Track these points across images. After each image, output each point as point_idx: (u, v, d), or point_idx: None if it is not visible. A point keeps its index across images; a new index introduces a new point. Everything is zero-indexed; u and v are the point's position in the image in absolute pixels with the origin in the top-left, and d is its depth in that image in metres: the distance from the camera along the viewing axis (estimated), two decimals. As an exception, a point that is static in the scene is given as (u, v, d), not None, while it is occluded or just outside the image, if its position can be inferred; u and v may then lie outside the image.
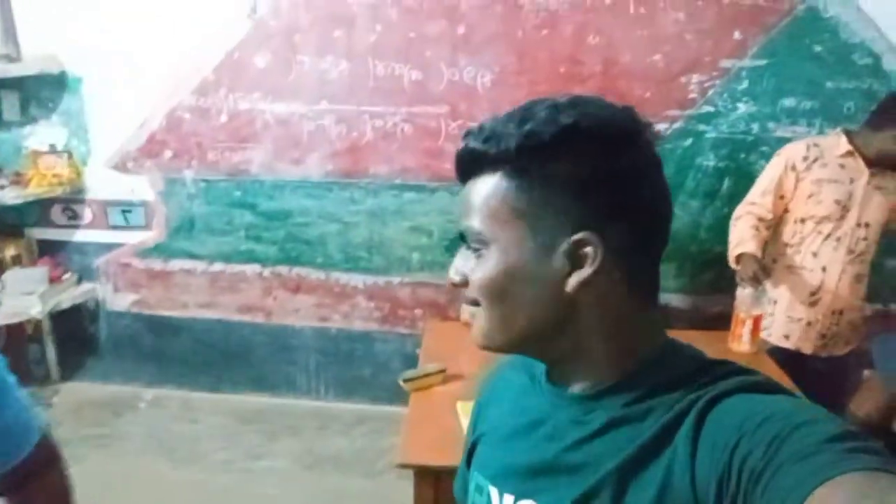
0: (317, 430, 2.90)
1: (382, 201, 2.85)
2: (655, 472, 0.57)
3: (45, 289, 2.90)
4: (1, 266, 2.94)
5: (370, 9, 2.65)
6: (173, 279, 3.06)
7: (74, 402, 3.04)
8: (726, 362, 0.63)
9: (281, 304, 3.04)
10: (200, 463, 2.66)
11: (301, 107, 2.78)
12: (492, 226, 0.62)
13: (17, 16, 2.78)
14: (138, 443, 2.78)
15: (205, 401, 3.09)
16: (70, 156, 2.92)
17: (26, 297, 2.85)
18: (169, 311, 3.10)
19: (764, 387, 0.59)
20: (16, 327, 2.94)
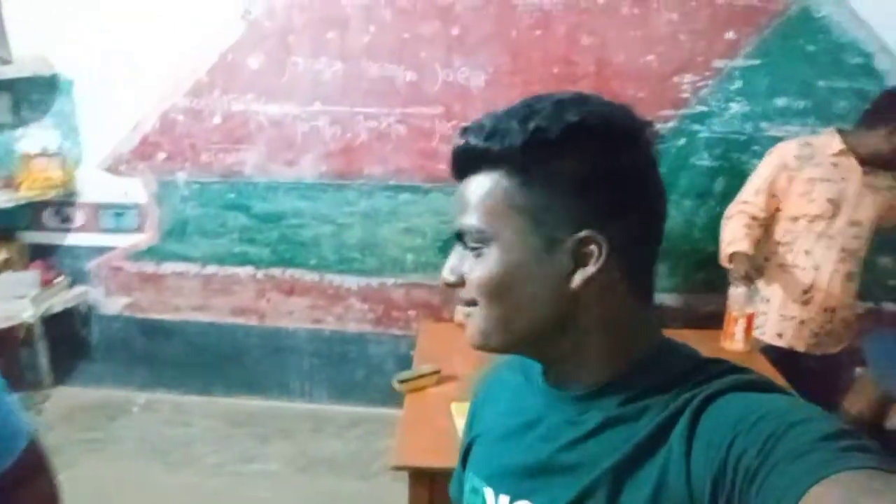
0: (311, 432, 2.89)
1: (376, 202, 2.85)
2: (651, 472, 0.57)
3: (37, 292, 2.88)
4: (-8, 269, 2.92)
5: (364, 10, 2.64)
6: (166, 282, 3.04)
7: (67, 406, 3.02)
8: (721, 361, 0.63)
9: (274, 306, 3.02)
10: (194, 466, 2.64)
11: (295, 108, 2.77)
12: (493, 223, 0.61)
13: (8, 18, 2.76)
14: (131, 447, 2.76)
15: (198, 404, 3.07)
16: (62, 159, 2.90)
17: (18, 300, 2.83)
18: (161, 314, 3.09)
19: (758, 385, 0.59)
20: (7, 331, 2.91)
